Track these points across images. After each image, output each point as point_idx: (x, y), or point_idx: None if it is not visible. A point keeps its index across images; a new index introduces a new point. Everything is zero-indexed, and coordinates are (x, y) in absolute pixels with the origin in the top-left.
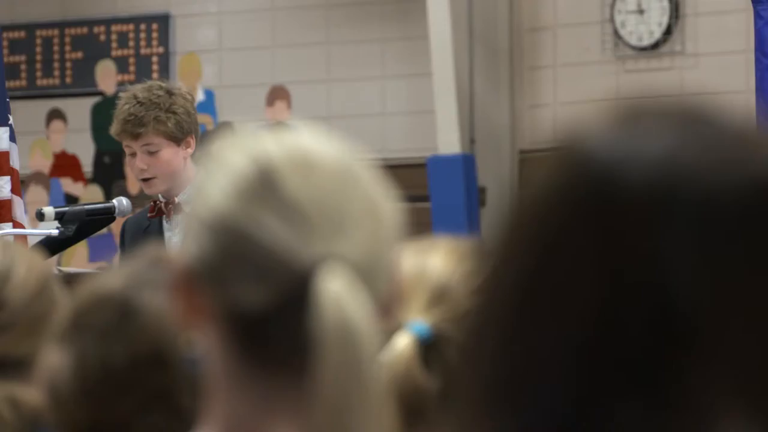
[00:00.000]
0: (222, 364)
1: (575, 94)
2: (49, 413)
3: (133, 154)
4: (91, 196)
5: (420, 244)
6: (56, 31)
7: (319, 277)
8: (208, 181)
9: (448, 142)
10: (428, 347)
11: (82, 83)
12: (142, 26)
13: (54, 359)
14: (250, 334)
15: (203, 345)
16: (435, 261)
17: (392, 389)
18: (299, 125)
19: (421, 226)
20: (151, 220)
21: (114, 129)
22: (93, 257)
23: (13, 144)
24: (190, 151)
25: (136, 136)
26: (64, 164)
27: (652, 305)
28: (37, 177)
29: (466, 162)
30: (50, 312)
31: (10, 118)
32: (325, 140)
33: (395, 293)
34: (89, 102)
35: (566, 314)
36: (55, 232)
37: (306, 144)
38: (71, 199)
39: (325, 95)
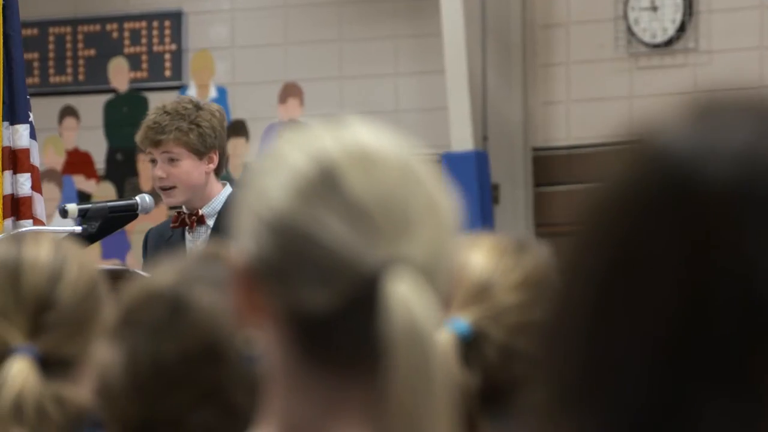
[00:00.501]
0: (281, 363)
1: (588, 91)
2: (100, 409)
3: (155, 163)
4: (103, 193)
5: (461, 241)
6: (69, 29)
7: (386, 279)
8: (265, 179)
9: (461, 139)
10: (468, 345)
11: (95, 80)
12: (155, 23)
13: (105, 356)
14: (312, 335)
15: (261, 343)
16: (476, 258)
17: None
18: (355, 121)
19: None
20: (173, 230)
21: (138, 136)
22: (106, 255)
23: (34, 141)
24: (212, 166)
25: (157, 144)
26: (77, 161)
27: (737, 300)
28: (49, 174)
29: (479, 159)
30: (97, 312)
31: (31, 115)
32: (384, 137)
33: (453, 291)
34: (102, 99)
35: (647, 312)
36: (78, 229)
37: (365, 141)
38: (84, 197)
39: (338, 92)
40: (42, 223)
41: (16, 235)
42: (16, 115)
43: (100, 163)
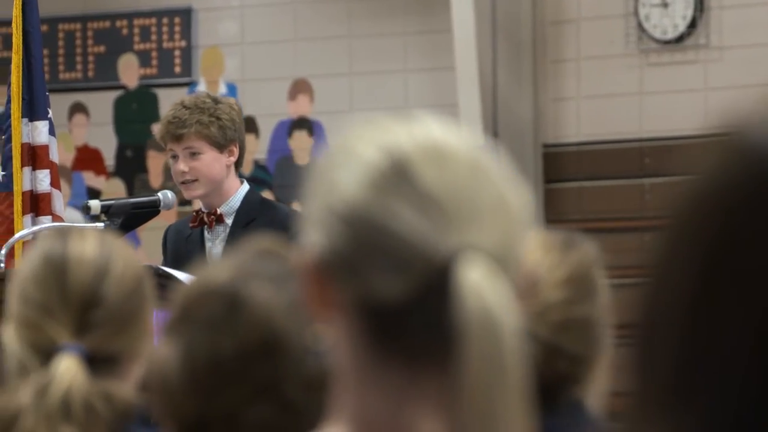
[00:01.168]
0: (352, 357)
1: (599, 87)
2: (156, 405)
3: (176, 158)
4: (113, 189)
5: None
6: (78, 25)
7: (458, 267)
8: (336, 173)
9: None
10: None
11: (105, 77)
12: (165, 20)
13: (162, 351)
14: (385, 327)
15: (331, 338)
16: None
17: None
18: (425, 116)
19: None
20: (192, 229)
21: (158, 132)
22: None
23: (52, 137)
24: (232, 159)
25: (178, 138)
26: (87, 158)
27: None
28: (59, 170)
29: None
30: (143, 308)
31: (50, 111)
32: (453, 130)
33: (524, 282)
34: (112, 96)
35: (749, 305)
36: (100, 225)
37: (436, 134)
38: (93, 193)
39: (348, 89)
40: (61, 220)
41: (60, 231)
42: (35, 111)
43: (109, 159)
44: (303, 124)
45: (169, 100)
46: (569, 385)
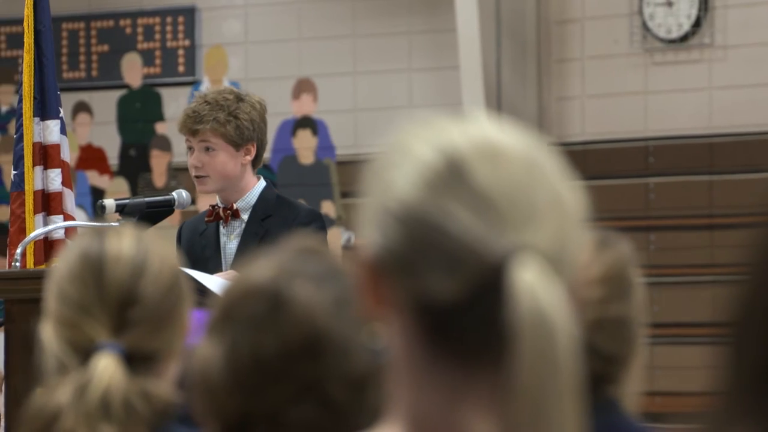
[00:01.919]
0: (406, 355)
1: (603, 86)
2: (200, 403)
3: (192, 149)
4: (116, 188)
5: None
6: (82, 24)
7: (512, 267)
8: (392, 172)
9: None
10: None
11: (108, 76)
12: (168, 19)
13: (205, 350)
14: (439, 325)
15: (386, 335)
16: None
17: None
18: (481, 115)
19: None
20: (207, 224)
21: (178, 122)
22: None
23: (64, 137)
24: (249, 158)
25: (194, 132)
26: (90, 157)
27: None
28: None
29: None
30: (180, 306)
31: (61, 111)
32: (509, 129)
33: (580, 283)
34: (115, 95)
35: None
36: (116, 224)
37: (491, 134)
38: (97, 192)
39: (352, 88)
40: (72, 219)
41: (98, 229)
42: (46, 110)
43: (113, 158)
44: (307, 123)
45: (172, 100)
46: (604, 385)
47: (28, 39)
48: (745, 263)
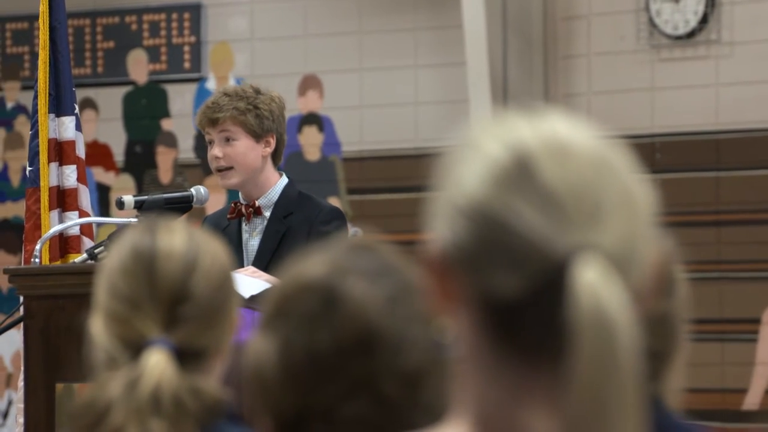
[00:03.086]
0: (472, 350)
1: (610, 83)
2: (254, 399)
3: (212, 143)
4: (122, 185)
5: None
6: (88, 21)
7: (575, 266)
8: (461, 168)
9: None
10: None
11: (114, 73)
12: (174, 15)
13: (259, 346)
14: (503, 322)
15: (454, 331)
16: None
17: None
18: (552, 113)
19: None
20: (230, 221)
21: (197, 117)
22: None
23: (79, 133)
24: (269, 150)
25: (214, 122)
26: (96, 153)
27: None
28: None
29: None
30: (229, 303)
31: (76, 107)
32: (580, 128)
33: (649, 283)
34: (121, 91)
35: None
36: (134, 221)
37: (561, 132)
38: (103, 189)
39: (358, 84)
40: (88, 215)
41: (148, 225)
42: (62, 106)
43: (119, 155)
44: (312, 119)
45: (178, 96)
46: (647, 382)
47: (44, 36)
48: None
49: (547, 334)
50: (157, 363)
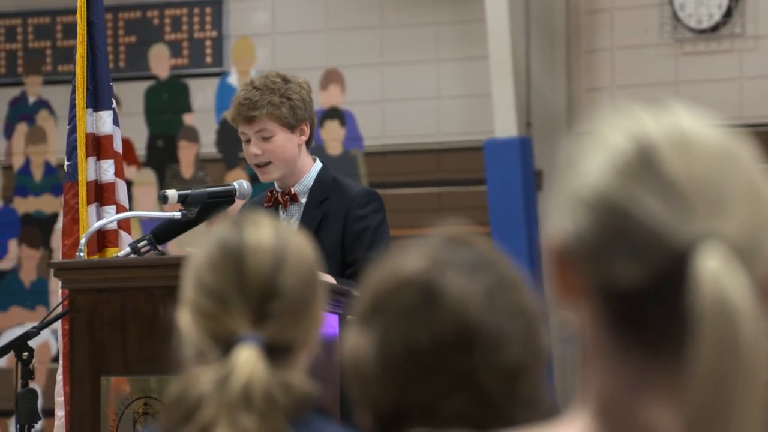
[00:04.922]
0: (595, 342)
1: (633, 77)
2: (353, 394)
3: (248, 141)
4: (144, 179)
5: None
6: (110, 15)
7: (697, 255)
8: (584, 159)
9: (505, 126)
10: None
11: (136, 67)
12: (196, 10)
13: (357, 341)
14: (624, 312)
15: (576, 323)
16: None
17: None
18: (677, 105)
19: (477, 209)
20: (267, 209)
21: (230, 114)
22: None
23: (116, 127)
24: (304, 138)
25: (250, 120)
26: None
27: None
28: None
29: (523, 145)
30: (316, 297)
31: (114, 101)
32: (704, 119)
33: None
34: (142, 86)
35: None
36: (177, 215)
37: (684, 123)
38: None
39: (379, 79)
40: (125, 209)
41: (236, 219)
42: (99, 101)
43: (140, 149)
44: (334, 114)
45: (200, 91)
46: None
47: (81, 30)
48: None
49: (668, 324)
50: (248, 359)
